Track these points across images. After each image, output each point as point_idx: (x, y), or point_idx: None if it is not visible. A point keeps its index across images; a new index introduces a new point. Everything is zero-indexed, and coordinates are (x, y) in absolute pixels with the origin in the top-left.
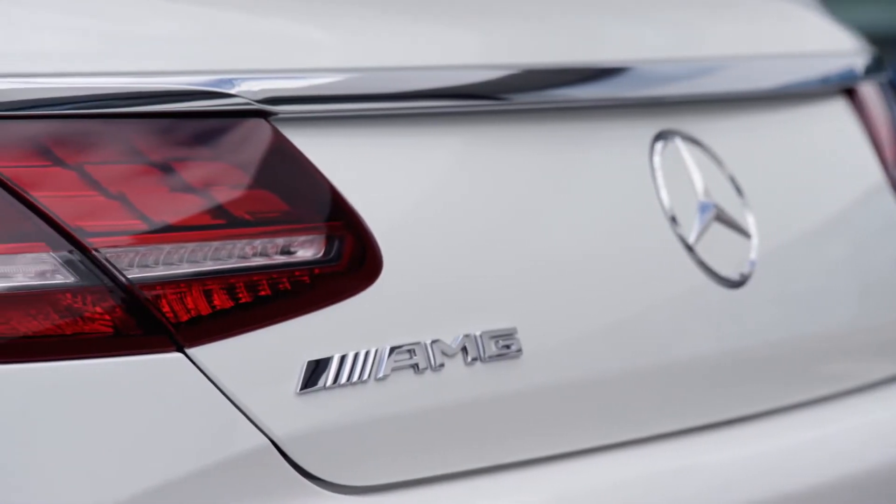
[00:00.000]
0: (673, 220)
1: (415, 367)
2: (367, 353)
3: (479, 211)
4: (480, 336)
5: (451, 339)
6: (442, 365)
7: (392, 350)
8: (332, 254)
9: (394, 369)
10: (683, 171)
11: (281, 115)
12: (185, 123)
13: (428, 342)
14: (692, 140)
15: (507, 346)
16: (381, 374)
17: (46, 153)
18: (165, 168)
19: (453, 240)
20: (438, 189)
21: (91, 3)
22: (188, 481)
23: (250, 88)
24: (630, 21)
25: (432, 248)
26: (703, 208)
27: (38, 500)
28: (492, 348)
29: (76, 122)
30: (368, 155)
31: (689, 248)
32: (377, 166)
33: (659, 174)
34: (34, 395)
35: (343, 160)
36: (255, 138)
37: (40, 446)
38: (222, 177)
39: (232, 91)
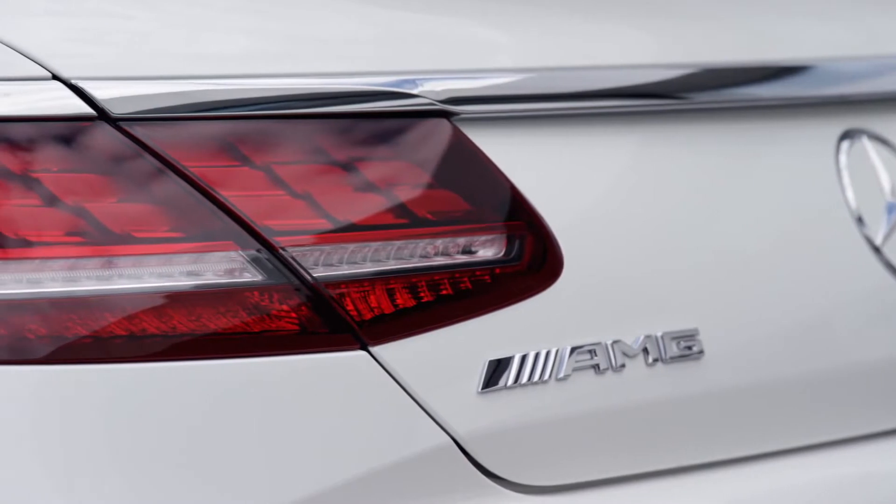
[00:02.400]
0: (859, 220)
1: (595, 367)
2: (547, 353)
3: (660, 210)
4: (662, 337)
5: (632, 339)
6: (623, 366)
7: (573, 350)
8: (513, 253)
9: (574, 369)
10: (870, 170)
11: (462, 115)
12: (368, 123)
13: (609, 342)
14: (880, 139)
15: (689, 348)
16: (561, 374)
17: (235, 153)
18: (349, 168)
19: (633, 239)
20: (617, 188)
21: (275, 6)
22: (371, 479)
23: (433, 88)
24: (811, 19)
25: (612, 248)
26: (891, 208)
27: (224, 497)
28: (673, 349)
29: (263, 123)
30: (548, 154)
31: (876, 249)
32: (556, 166)
33: (845, 174)
34: (222, 391)
35: (523, 160)
36: (438, 138)
37: (226, 443)
38: (405, 177)
39: (414, 91)
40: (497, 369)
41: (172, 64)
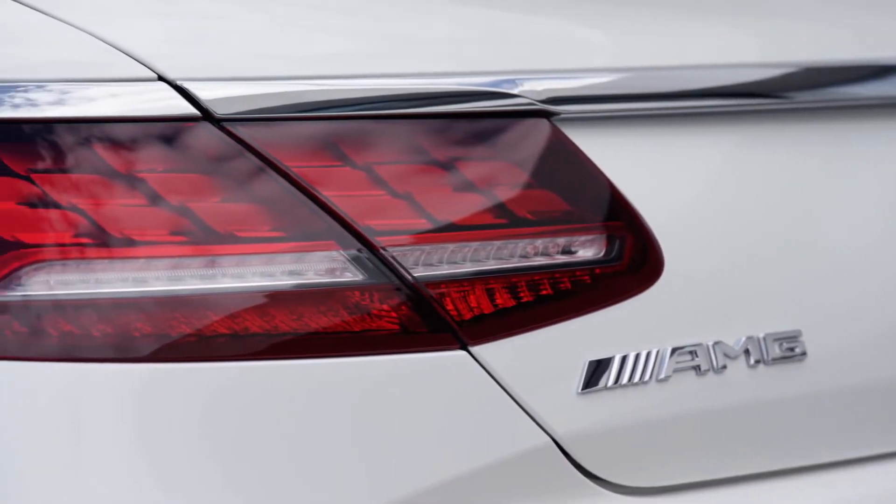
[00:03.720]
0: None
1: (696, 368)
2: (648, 354)
3: (760, 211)
4: (763, 338)
5: (734, 340)
6: (724, 367)
7: (673, 351)
8: (613, 254)
9: (675, 370)
10: None
11: (562, 115)
12: (468, 123)
13: (710, 343)
14: None
15: (791, 349)
16: (662, 375)
17: (336, 153)
18: (449, 168)
19: (733, 240)
20: (718, 188)
21: (374, 6)
22: (471, 479)
23: (533, 88)
24: None
25: (712, 248)
26: None
27: (325, 495)
28: (775, 350)
29: (363, 123)
30: (647, 154)
31: None
32: (656, 166)
33: None
34: (324, 390)
35: (622, 160)
36: (537, 138)
37: (327, 442)
38: (505, 177)
39: (514, 91)
40: (597, 370)
41: (274, 65)
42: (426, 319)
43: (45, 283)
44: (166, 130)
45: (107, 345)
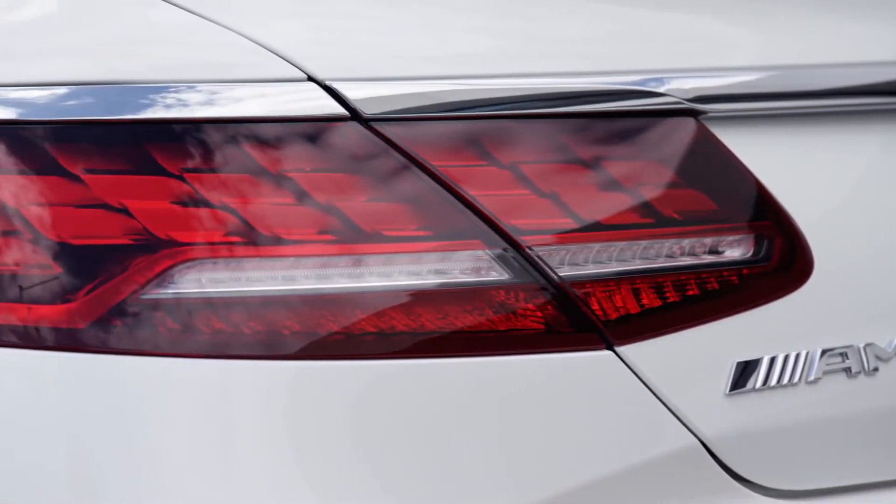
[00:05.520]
0: None
1: (847, 370)
2: (797, 356)
3: None
4: None
5: (886, 342)
6: (875, 369)
7: (823, 353)
8: (761, 254)
9: (825, 372)
10: None
11: (709, 114)
12: (613, 122)
13: (861, 345)
14: None
15: None
16: (811, 377)
17: (482, 152)
18: (595, 167)
19: (884, 239)
20: (867, 187)
21: (516, 5)
22: (616, 479)
23: (680, 87)
24: None
25: (863, 249)
26: None
27: (469, 494)
28: None
29: (509, 122)
30: (795, 153)
31: None
32: (804, 164)
33: None
34: (468, 389)
35: (770, 158)
36: (684, 137)
37: (472, 441)
38: (651, 176)
39: (661, 90)
40: (745, 371)
41: (418, 65)
42: (572, 319)
43: (196, 281)
44: (315, 130)
45: (257, 342)
